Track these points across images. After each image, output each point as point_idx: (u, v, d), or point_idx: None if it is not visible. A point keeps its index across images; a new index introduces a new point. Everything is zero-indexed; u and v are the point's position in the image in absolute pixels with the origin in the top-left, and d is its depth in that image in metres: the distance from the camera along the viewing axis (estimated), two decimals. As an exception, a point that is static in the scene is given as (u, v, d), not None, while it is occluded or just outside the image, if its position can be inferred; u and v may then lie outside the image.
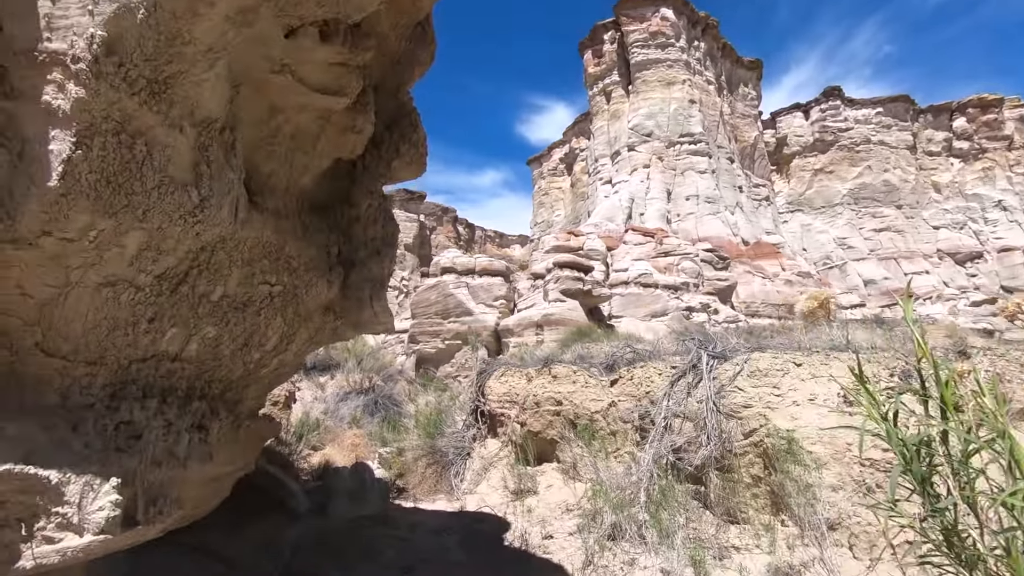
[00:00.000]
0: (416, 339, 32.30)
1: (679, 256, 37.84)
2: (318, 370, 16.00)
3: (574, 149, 56.59)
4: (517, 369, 8.45)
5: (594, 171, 48.75)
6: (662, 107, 45.82)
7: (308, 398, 13.75)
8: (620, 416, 6.40)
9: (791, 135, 56.58)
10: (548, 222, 57.97)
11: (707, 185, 44.74)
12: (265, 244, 2.66)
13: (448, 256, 33.88)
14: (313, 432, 11.39)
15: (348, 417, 12.73)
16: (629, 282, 34.91)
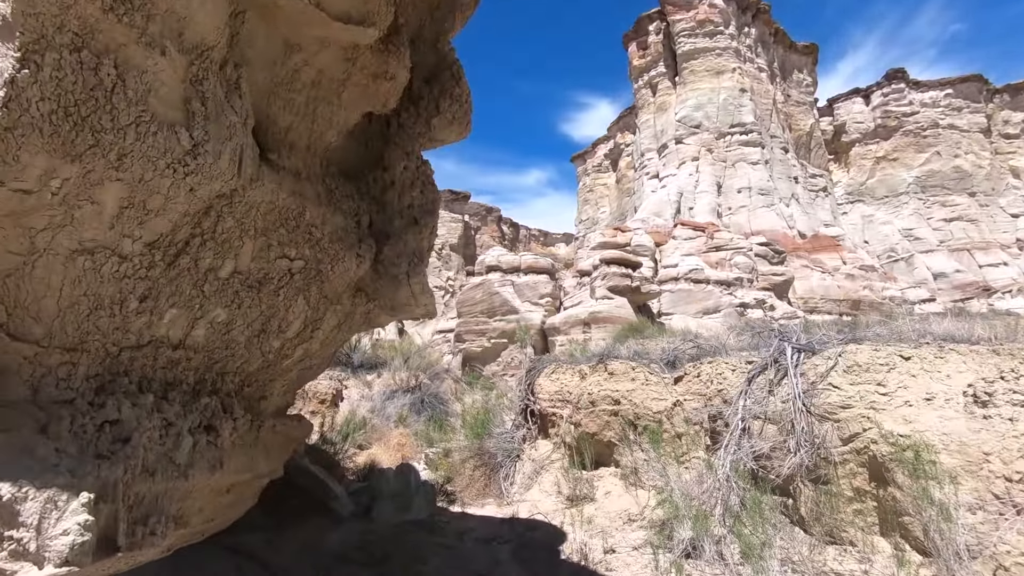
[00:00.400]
0: (462, 338, 32.08)
1: (732, 250, 36.26)
2: (365, 368, 15.85)
3: (619, 144, 55.37)
4: (569, 366, 7.88)
5: (640, 166, 47.48)
6: (711, 97, 44.15)
7: (355, 396, 13.57)
8: (687, 417, 5.74)
9: (850, 122, 53.62)
10: (593, 219, 56.95)
11: (760, 176, 42.82)
12: (282, 209, 2.21)
13: (493, 254, 33.54)
14: (359, 431, 11.14)
15: (394, 416, 12.45)
16: (679, 278, 33.66)
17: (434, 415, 12.52)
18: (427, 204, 2.77)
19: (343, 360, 15.86)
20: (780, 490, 4.38)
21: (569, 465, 6.81)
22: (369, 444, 10.81)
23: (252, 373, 2.54)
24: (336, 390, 12.69)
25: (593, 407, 6.65)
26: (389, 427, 11.94)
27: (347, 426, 10.36)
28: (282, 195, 2.15)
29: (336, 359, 16.28)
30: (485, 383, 9.83)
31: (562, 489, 6.55)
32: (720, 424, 5.13)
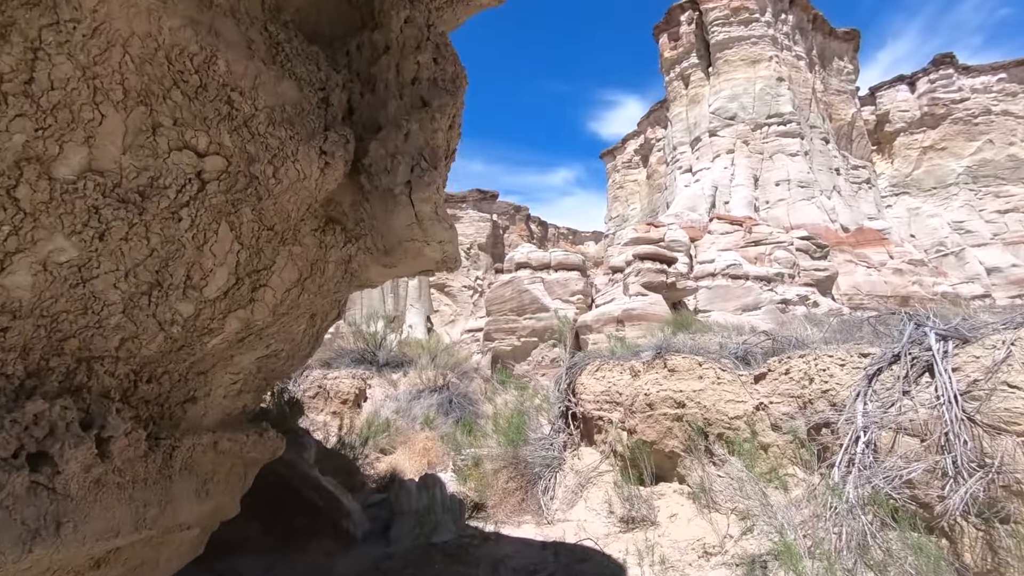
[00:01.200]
0: (491, 336, 31.12)
1: (771, 245, 34.42)
2: (391, 367, 14.98)
3: (649, 140, 53.72)
4: (617, 362, 6.76)
5: (672, 160, 45.81)
6: (746, 87, 42.25)
7: (379, 396, 12.69)
8: (774, 423, 4.58)
9: (894, 111, 50.87)
10: (623, 216, 55.40)
11: (799, 168, 40.74)
12: (171, 49, 1.19)
13: (522, 251, 32.49)
14: (382, 433, 10.22)
15: (420, 417, 11.50)
16: (716, 274, 32.04)
17: (463, 417, 11.53)
18: (444, 78, 1.71)
19: (368, 358, 15.02)
20: (929, 526, 3.20)
21: (622, 479, 5.69)
22: (393, 448, 9.87)
23: (152, 359, 1.53)
24: (360, 389, 11.83)
25: (651, 410, 5.51)
26: (415, 429, 10.99)
27: (368, 429, 9.43)
28: (169, 20, 1.14)
29: (361, 357, 15.46)
30: (518, 383, 8.75)
31: (614, 508, 5.44)
32: (828, 435, 3.95)
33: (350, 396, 11.46)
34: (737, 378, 5.08)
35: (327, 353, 15.71)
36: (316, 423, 11.36)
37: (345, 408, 11.38)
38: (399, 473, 7.83)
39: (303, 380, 12.00)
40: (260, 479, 3.96)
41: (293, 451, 5.95)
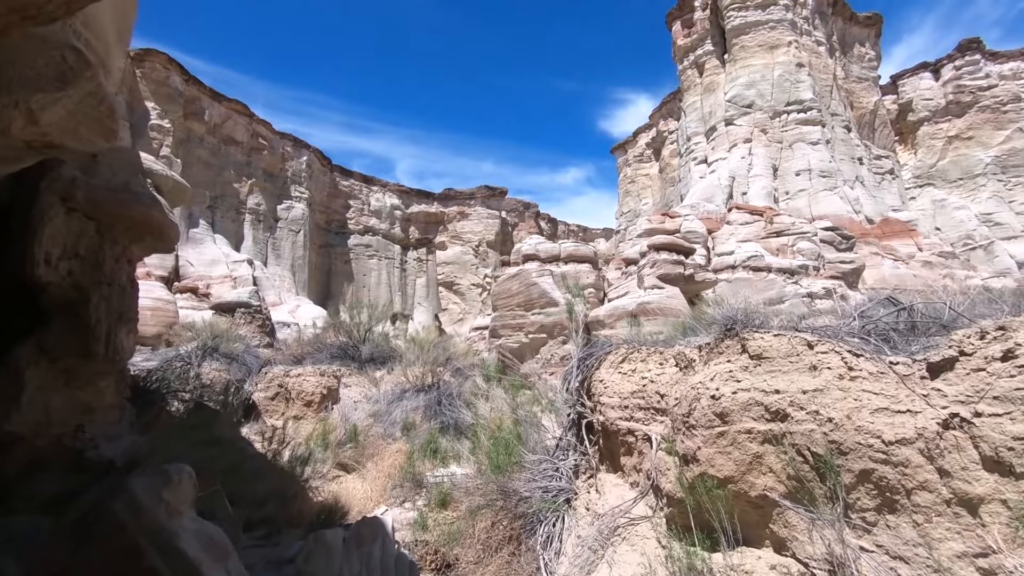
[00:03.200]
0: (498, 333, 28.85)
1: (794, 236, 31.76)
2: (376, 363, 12.76)
3: (662, 132, 51.16)
4: (654, 348, 4.47)
5: (686, 151, 43.25)
6: (764, 74, 39.63)
7: (356, 396, 10.47)
8: (991, 456, 2.24)
9: (917, 99, 47.86)
10: (635, 212, 52.88)
11: (821, 158, 38.01)
12: None
13: (530, 243, 30.17)
14: (345, 445, 7.99)
15: (401, 422, 9.26)
16: (736, 266, 29.50)
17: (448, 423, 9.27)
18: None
19: (351, 353, 12.82)
20: None
21: (670, 534, 3.39)
22: (358, 463, 7.62)
23: None
24: (328, 389, 9.62)
25: (721, 424, 3.19)
26: (394, 437, 8.75)
27: (320, 440, 7.20)
28: None
29: (343, 352, 13.25)
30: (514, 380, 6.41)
31: (661, 587, 3.15)
32: None
33: (315, 397, 9.25)
34: (889, 369, 2.74)
35: (304, 348, 13.54)
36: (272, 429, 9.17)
37: (309, 411, 9.17)
38: (341, 508, 5.57)
39: (261, 378, 9.81)
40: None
41: (156, 485, 3.75)
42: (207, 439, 7.38)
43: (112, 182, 7.11)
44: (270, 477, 6.43)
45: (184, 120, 42.45)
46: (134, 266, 7.64)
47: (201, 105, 43.54)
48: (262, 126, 47.84)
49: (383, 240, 55.26)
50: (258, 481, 6.24)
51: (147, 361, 11.60)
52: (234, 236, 45.19)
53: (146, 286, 16.20)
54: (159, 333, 12.76)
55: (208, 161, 44.12)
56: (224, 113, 45.27)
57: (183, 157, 41.78)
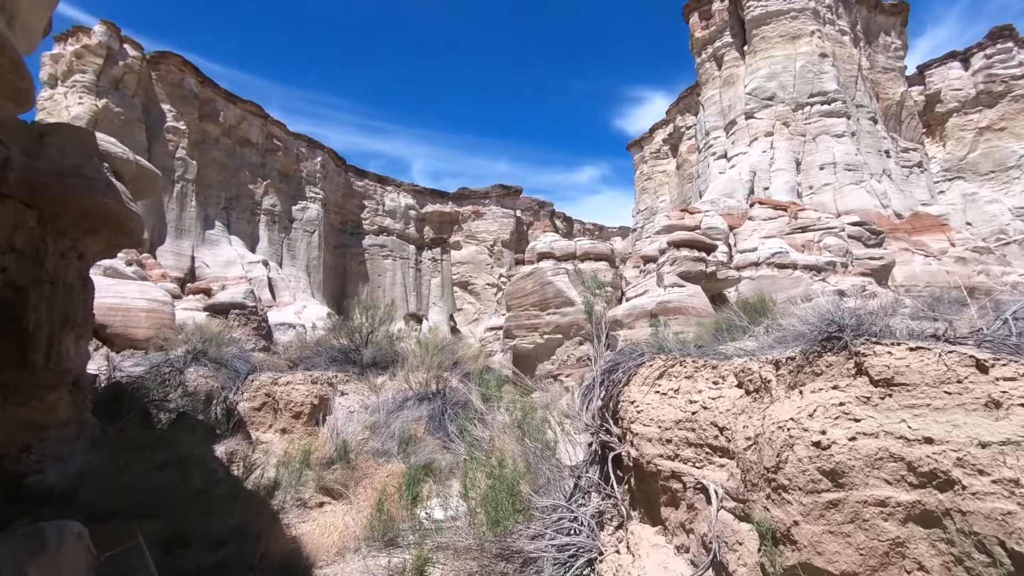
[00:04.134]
0: (512, 333, 27.74)
1: (821, 231, 30.12)
2: (378, 367, 11.74)
3: (679, 128, 49.60)
4: (706, 361, 3.33)
5: (705, 146, 41.70)
6: (786, 65, 37.95)
7: (353, 406, 9.44)
8: None
9: (946, 89, 45.65)
10: (652, 209, 51.37)
11: (846, 151, 36.23)
12: None
13: (545, 240, 29.00)
14: (334, 464, 6.95)
15: (399, 435, 8.20)
16: (760, 263, 28.00)
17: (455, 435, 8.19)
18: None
19: (350, 356, 11.81)
20: None
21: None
22: (347, 487, 6.58)
23: None
24: (320, 398, 8.62)
25: (835, 488, 2.04)
26: (390, 454, 7.70)
27: (299, 460, 6.16)
28: None
29: (344, 356, 12.26)
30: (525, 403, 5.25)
31: None
32: None
33: (304, 408, 8.24)
34: None
35: (303, 351, 12.57)
36: (260, 445, 8.17)
37: (298, 423, 8.16)
38: (316, 548, 4.52)
39: (247, 387, 8.84)
40: None
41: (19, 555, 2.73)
42: (171, 459, 6.40)
43: (60, 165, 6.13)
44: (237, 508, 5.40)
45: (199, 122, 42.11)
46: (88, 263, 6.67)
47: (216, 107, 43.18)
48: (276, 127, 47.39)
49: (397, 240, 54.53)
50: (220, 513, 5.22)
51: (136, 367, 10.73)
52: (249, 237, 44.78)
53: (142, 286, 15.44)
54: (153, 336, 11.90)
55: (223, 162, 43.75)
56: (239, 114, 44.88)
57: (198, 159, 41.43)
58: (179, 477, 5.60)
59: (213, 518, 5.13)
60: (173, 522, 4.94)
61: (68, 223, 5.78)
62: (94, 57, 37.02)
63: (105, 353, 12.22)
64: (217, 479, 6.00)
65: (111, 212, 6.00)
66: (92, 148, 6.19)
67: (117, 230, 6.30)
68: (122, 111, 37.84)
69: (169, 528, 4.86)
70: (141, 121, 39.42)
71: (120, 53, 38.24)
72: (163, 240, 39.29)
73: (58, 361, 5.60)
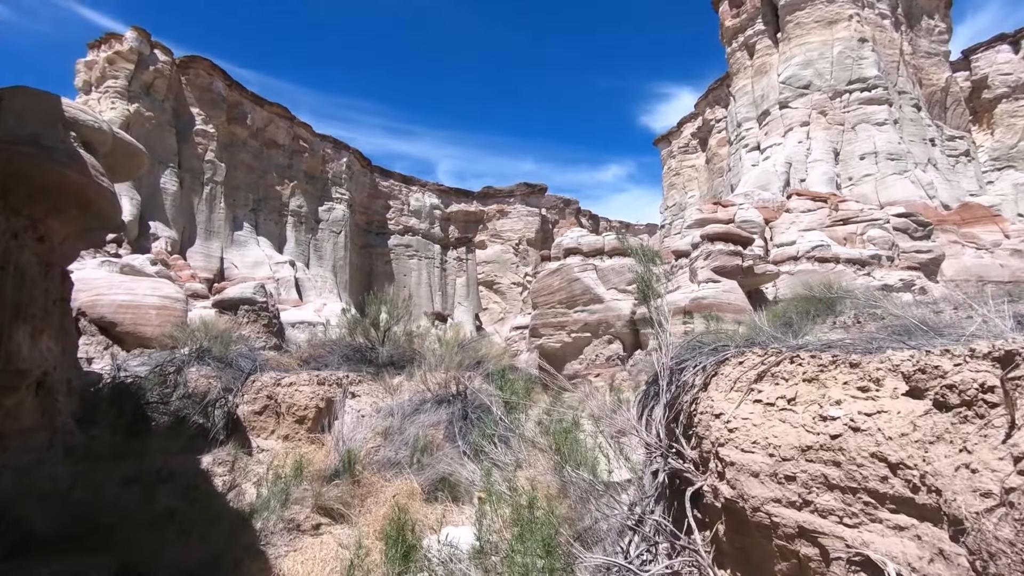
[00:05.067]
0: (538, 332, 26.61)
1: (864, 223, 28.16)
2: (396, 367, 10.79)
3: (708, 121, 47.70)
4: (835, 358, 2.16)
5: (736, 138, 39.84)
6: (822, 51, 35.91)
7: (366, 409, 8.48)
8: None
9: (993, 75, 42.76)
10: (681, 205, 49.56)
11: (888, 139, 34.03)
12: None
13: (572, 236, 27.79)
14: (337, 478, 5.98)
15: (411, 443, 7.18)
16: (799, 257, 26.25)
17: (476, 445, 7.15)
18: None
19: (366, 355, 10.89)
20: None
21: None
22: (349, 507, 5.58)
23: None
24: (327, 401, 7.69)
25: None
26: (402, 466, 6.69)
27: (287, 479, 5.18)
28: None
29: (359, 354, 11.34)
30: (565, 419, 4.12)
31: None
32: None
33: (309, 412, 7.29)
34: None
35: (315, 350, 11.70)
36: (258, 453, 7.26)
37: (301, 429, 7.22)
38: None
39: (248, 387, 7.94)
40: None
41: None
42: (142, 472, 5.52)
43: (15, 133, 5.22)
44: (213, 533, 4.44)
45: (227, 125, 42.18)
46: (52, 248, 5.77)
47: (243, 109, 43.22)
48: (303, 129, 47.27)
49: (423, 240, 53.94)
50: (192, 540, 4.26)
51: (142, 366, 10.01)
52: (277, 238, 44.70)
53: (155, 283, 14.86)
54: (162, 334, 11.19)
55: (251, 164, 43.75)
56: (266, 117, 44.87)
57: (227, 161, 41.47)
58: (147, 494, 4.69)
59: (179, 547, 4.18)
60: (126, 553, 4.00)
61: (22, 199, 4.90)
62: (126, 63, 37.29)
63: (112, 353, 11.60)
64: (196, 496, 5.08)
65: (74, 186, 5.11)
66: (56, 115, 5.30)
67: (86, 209, 5.41)
68: (153, 115, 38.04)
69: (121, 561, 3.93)
70: (171, 125, 39.62)
71: (151, 58, 38.47)
72: (193, 242, 39.40)
73: (8, 359, 4.73)
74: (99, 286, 12.79)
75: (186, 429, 7.31)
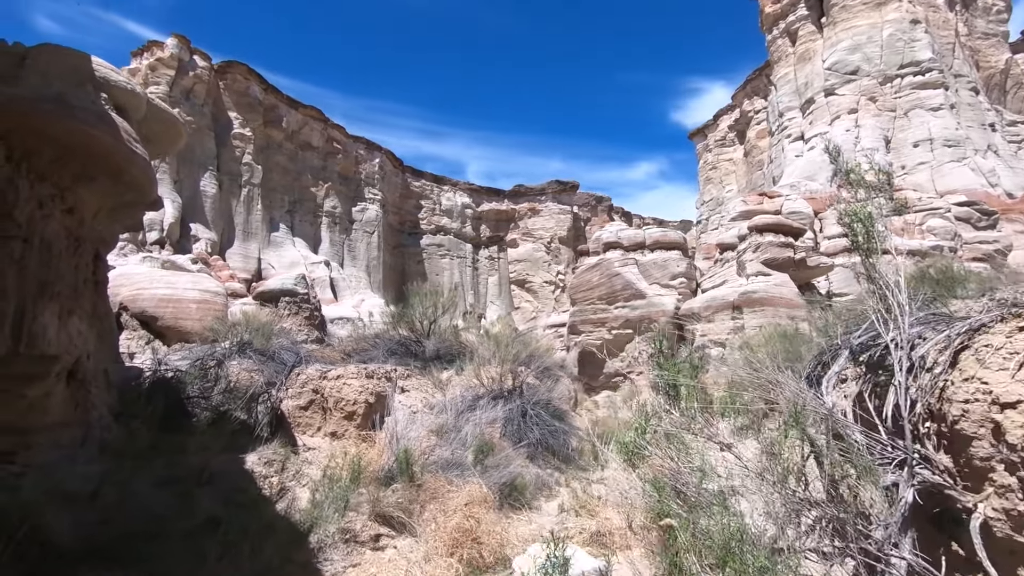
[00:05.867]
0: (577, 329, 25.68)
1: (923, 212, 26.34)
2: (442, 361, 10.10)
3: (746, 113, 45.93)
4: None
5: (778, 128, 38.13)
6: (871, 35, 33.99)
7: (416, 405, 7.79)
8: None
9: (1058, 55, 39.80)
10: (717, 200, 47.87)
11: (944, 125, 31.94)
12: None
13: (611, 230, 26.75)
14: (394, 481, 5.27)
15: (472, 443, 6.43)
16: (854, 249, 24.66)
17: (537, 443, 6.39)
18: None
19: (411, 349, 10.23)
20: None
21: None
22: (410, 514, 4.85)
23: None
24: (377, 395, 7.02)
25: None
26: (463, 467, 5.93)
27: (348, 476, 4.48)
28: None
29: (404, 348, 10.69)
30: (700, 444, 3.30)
31: None
32: None
33: (358, 407, 6.62)
34: None
35: (359, 343, 11.10)
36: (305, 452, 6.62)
37: (351, 426, 6.55)
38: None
39: (292, 381, 7.32)
40: None
41: None
42: (183, 474, 4.91)
43: (40, 92, 4.61)
44: (265, 546, 3.75)
45: (264, 128, 42.54)
46: (80, 219, 5.25)
47: (279, 112, 43.55)
48: (336, 130, 47.42)
49: (454, 239, 53.54)
50: (234, 556, 3.58)
51: (183, 360, 9.56)
52: (312, 239, 44.89)
53: (195, 277, 14.60)
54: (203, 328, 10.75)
55: (286, 167, 44.05)
56: (300, 119, 45.14)
57: (263, 163, 41.82)
58: (184, 500, 4.05)
59: (222, 562, 3.50)
60: (160, 568, 3.34)
61: (48, 163, 4.32)
62: (167, 69, 37.89)
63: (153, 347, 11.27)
64: (241, 501, 4.42)
65: (103, 150, 4.51)
66: (84, 74, 4.71)
67: (117, 177, 4.82)
68: (193, 119, 38.55)
69: (155, 582, 3.26)
70: (210, 129, 40.12)
71: (190, 64, 39.03)
72: (231, 243, 39.80)
73: (32, 343, 4.14)
74: (140, 281, 12.54)
75: (228, 425, 6.74)
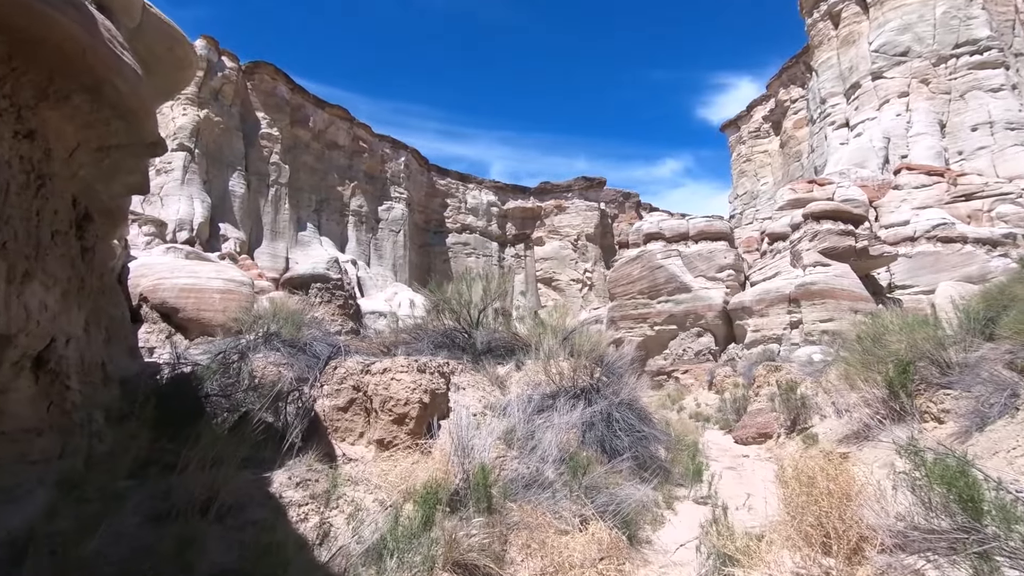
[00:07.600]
0: (616, 324, 24.04)
1: (991, 197, 24.08)
2: (494, 355, 8.69)
3: (782, 102, 43.68)
4: None
5: (820, 116, 35.93)
6: (922, 13, 31.67)
7: (474, 404, 6.41)
8: None
9: (1124, 31, 36.73)
10: (752, 193, 45.67)
11: (1006, 107, 29.47)
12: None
13: (652, 220, 25.09)
14: (468, 508, 3.90)
15: (556, 455, 5.01)
16: (916, 237, 22.53)
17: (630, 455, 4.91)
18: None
19: (459, 341, 8.84)
20: None
21: None
22: (500, 559, 3.46)
23: None
24: (431, 394, 5.66)
25: None
26: (555, 490, 4.50)
27: (414, 517, 3.10)
28: None
29: (449, 340, 9.33)
30: None
31: None
32: None
33: (411, 408, 5.23)
34: None
35: (399, 336, 9.79)
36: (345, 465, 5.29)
37: (401, 432, 5.18)
38: None
39: (327, 376, 5.99)
40: None
41: None
42: (184, 503, 3.58)
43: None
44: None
45: (291, 127, 41.93)
46: (46, 150, 3.94)
47: (306, 112, 42.91)
48: (362, 129, 46.65)
49: (480, 238, 52.32)
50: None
51: (204, 355, 8.33)
52: (339, 238, 44.12)
53: (218, 266, 13.54)
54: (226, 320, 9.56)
55: (313, 166, 43.39)
56: (327, 119, 44.47)
57: (290, 163, 41.18)
58: (181, 547, 2.72)
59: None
60: None
61: (-5, 62, 3.03)
62: (196, 70, 37.46)
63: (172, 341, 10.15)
64: (262, 546, 3.08)
65: (74, 46, 3.19)
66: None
67: (96, 93, 3.49)
68: (221, 120, 38.05)
69: None
70: (238, 129, 39.60)
71: (219, 65, 38.54)
72: (260, 242, 39.17)
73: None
74: (161, 270, 11.48)
75: (250, 431, 5.44)
